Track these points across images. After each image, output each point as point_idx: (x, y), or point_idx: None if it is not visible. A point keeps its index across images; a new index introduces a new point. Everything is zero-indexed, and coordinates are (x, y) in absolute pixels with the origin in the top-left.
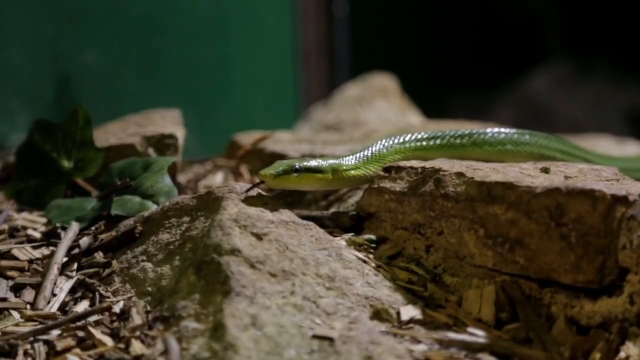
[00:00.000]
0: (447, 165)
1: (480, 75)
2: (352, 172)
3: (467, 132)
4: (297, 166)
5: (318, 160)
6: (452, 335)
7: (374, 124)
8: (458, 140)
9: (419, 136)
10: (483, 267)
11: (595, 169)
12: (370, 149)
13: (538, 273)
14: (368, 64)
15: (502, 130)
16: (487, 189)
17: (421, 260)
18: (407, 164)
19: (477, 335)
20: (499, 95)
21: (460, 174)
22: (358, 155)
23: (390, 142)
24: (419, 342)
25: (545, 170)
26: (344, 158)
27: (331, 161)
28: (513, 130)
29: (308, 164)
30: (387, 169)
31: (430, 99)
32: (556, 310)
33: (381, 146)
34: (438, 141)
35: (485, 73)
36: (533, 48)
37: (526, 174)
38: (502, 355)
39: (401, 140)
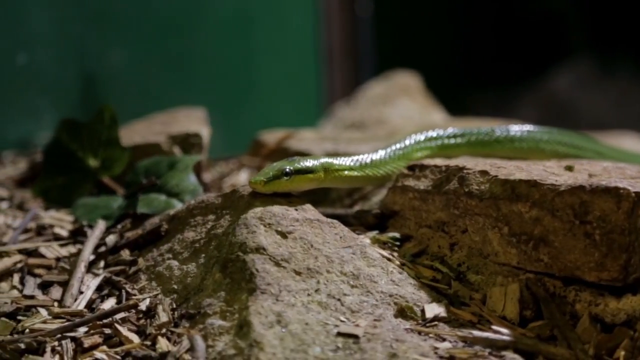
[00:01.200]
0: (471, 163)
1: (503, 73)
2: (346, 172)
3: (461, 132)
4: (287, 170)
5: (309, 160)
6: (476, 333)
7: (397, 122)
8: (452, 141)
9: (418, 138)
10: (507, 265)
11: (620, 167)
12: (370, 155)
13: (562, 271)
14: (391, 62)
15: (495, 128)
16: (511, 187)
17: (445, 258)
18: (431, 162)
19: (502, 333)
20: (522, 93)
21: (484, 172)
22: (357, 157)
23: (393, 149)
24: (443, 339)
25: (569, 168)
26: (338, 158)
27: (322, 160)
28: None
29: (298, 165)
30: (411, 168)
31: (453, 97)
32: (580, 308)
33: (383, 153)
34: (433, 143)
35: (509, 71)
36: (556, 45)
37: (550, 172)
38: (526, 353)
39: (402, 145)
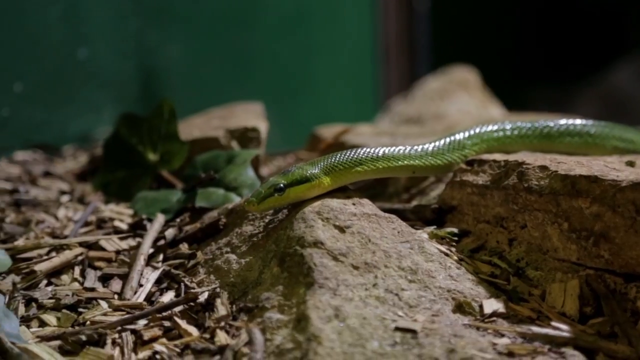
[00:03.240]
0: (531, 158)
1: (562, 68)
2: (358, 168)
3: (474, 132)
4: (280, 186)
5: (306, 168)
6: (535, 329)
7: (455, 116)
8: (468, 142)
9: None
10: (567, 261)
11: None
12: (381, 150)
13: (623, 267)
14: (448, 57)
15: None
16: (571, 182)
17: (504, 254)
18: (490, 157)
19: (561, 329)
20: (581, 88)
21: (543, 168)
22: (366, 150)
23: (409, 147)
24: (502, 335)
25: (631, 164)
26: (341, 154)
27: (322, 164)
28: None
29: (292, 177)
30: (469, 162)
31: (511, 92)
32: None
33: (395, 148)
34: (456, 145)
35: (567, 66)
36: (616, 40)
37: (611, 168)
38: (586, 349)
39: (411, 149)
